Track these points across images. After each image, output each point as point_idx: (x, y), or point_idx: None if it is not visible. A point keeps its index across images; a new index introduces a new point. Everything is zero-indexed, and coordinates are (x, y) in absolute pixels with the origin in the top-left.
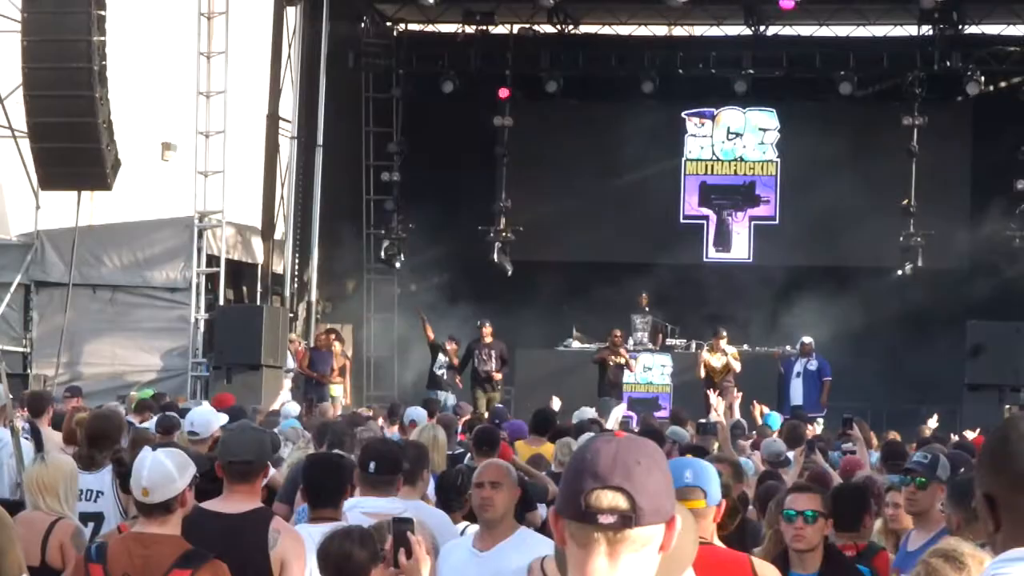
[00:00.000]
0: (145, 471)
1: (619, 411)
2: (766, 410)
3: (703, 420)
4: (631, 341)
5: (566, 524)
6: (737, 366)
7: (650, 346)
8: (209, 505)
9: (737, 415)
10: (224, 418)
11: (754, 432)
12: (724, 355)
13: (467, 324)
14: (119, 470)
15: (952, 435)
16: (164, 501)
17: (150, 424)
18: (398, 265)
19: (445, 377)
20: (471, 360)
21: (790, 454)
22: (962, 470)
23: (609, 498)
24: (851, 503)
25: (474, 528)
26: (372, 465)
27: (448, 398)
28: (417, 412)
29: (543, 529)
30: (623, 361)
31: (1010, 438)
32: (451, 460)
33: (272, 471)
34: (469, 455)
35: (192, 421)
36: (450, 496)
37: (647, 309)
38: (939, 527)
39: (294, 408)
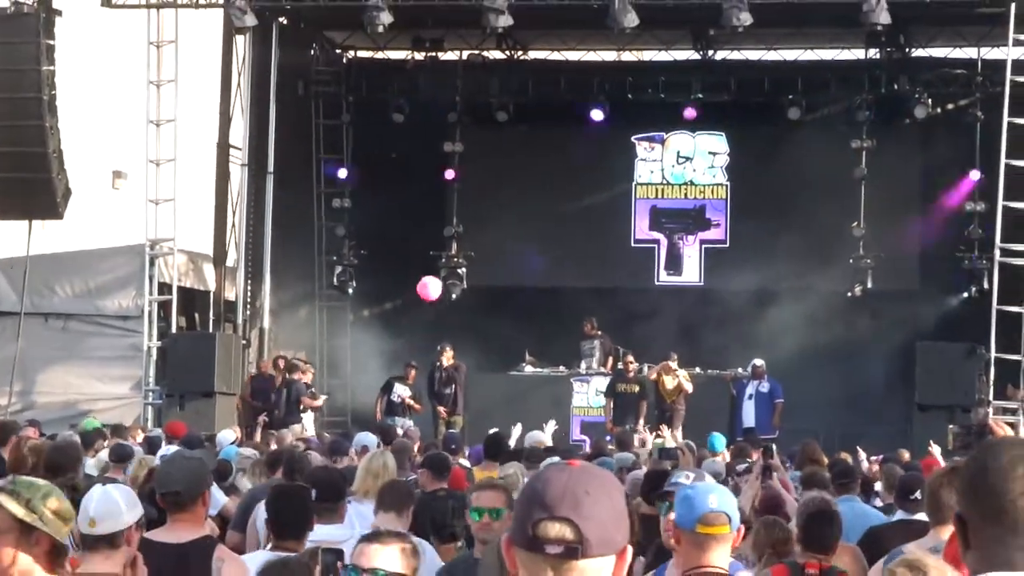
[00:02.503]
0: (93, 502)
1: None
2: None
3: (658, 442)
4: (583, 366)
5: (517, 552)
6: (689, 387)
7: (601, 370)
8: (153, 535)
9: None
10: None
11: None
12: (675, 376)
13: (420, 350)
14: (72, 495)
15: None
16: (109, 534)
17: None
18: (351, 291)
19: (403, 404)
20: (432, 383)
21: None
22: (918, 492)
23: (556, 528)
24: (820, 525)
25: None
26: (314, 492)
27: (405, 423)
28: (367, 438)
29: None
30: (636, 389)
31: (989, 469)
32: None
33: (224, 499)
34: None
35: None
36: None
37: (599, 333)
38: None
39: (229, 435)
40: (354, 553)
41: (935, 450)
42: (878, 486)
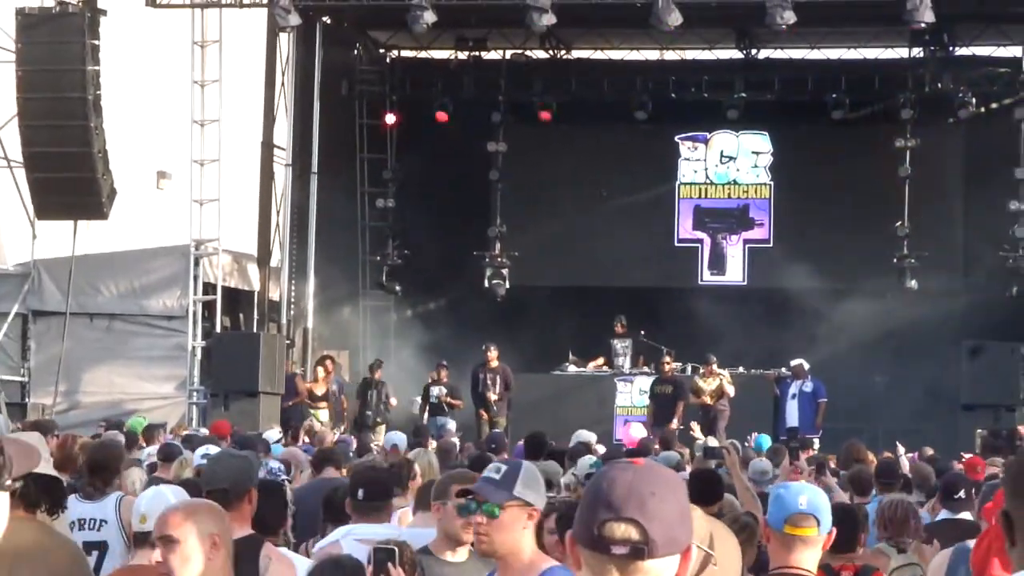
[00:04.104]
0: (145, 500)
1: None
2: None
3: (701, 442)
4: (616, 364)
5: (581, 551)
6: (731, 389)
7: (644, 370)
8: None
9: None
10: None
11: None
12: (717, 378)
13: (464, 349)
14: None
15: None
16: None
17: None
18: (398, 291)
19: (441, 403)
20: (475, 384)
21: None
22: (961, 492)
23: (622, 529)
24: (845, 525)
25: None
26: (361, 492)
27: (447, 423)
28: (397, 437)
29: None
30: (669, 390)
31: None
32: None
33: None
34: None
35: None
36: None
37: (626, 332)
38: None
39: (274, 435)
40: None
41: (966, 456)
42: None
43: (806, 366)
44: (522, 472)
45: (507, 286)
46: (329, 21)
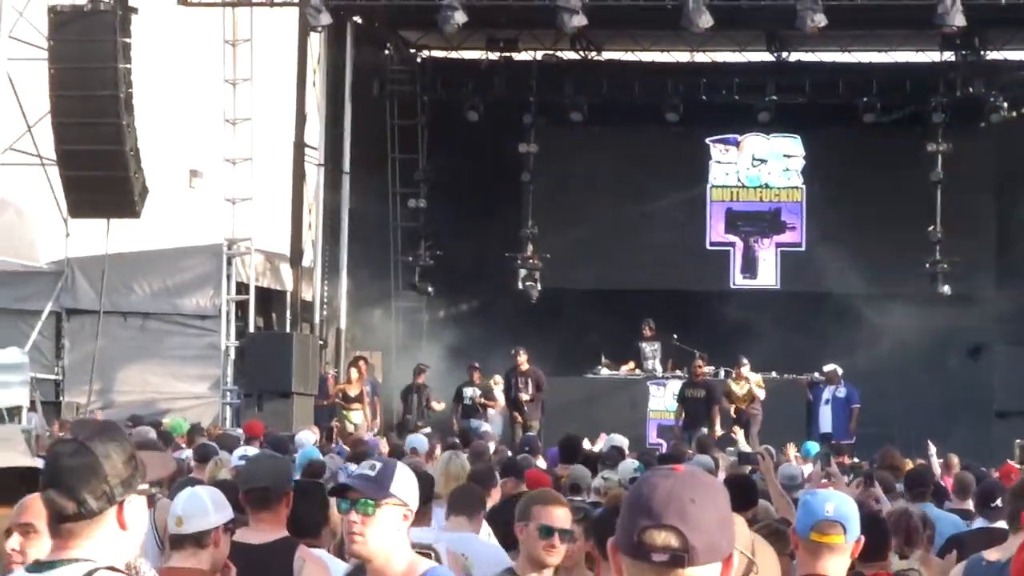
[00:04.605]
0: (181, 502)
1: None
2: (792, 451)
3: (735, 449)
4: (646, 367)
5: (622, 558)
6: (761, 393)
7: (677, 373)
8: (235, 536)
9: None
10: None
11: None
12: (747, 382)
13: (496, 350)
14: None
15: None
16: (196, 533)
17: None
18: (430, 291)
19: (475, 405)
20: (508, 388)
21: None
22: (999, 500)
23: (662, 537)
24: (874, 533)
25: None
26: None
27: (482, 426)
28: (418, 440)
29: None
30: (702, 394)
31: None
32: None
33: None
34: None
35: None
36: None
37: (655, 336)
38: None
39: (309, 436)
40: None
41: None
42: None
43: (839, 371)
44: (398, 470)
45: (539, 288)
46: (360, 21)
